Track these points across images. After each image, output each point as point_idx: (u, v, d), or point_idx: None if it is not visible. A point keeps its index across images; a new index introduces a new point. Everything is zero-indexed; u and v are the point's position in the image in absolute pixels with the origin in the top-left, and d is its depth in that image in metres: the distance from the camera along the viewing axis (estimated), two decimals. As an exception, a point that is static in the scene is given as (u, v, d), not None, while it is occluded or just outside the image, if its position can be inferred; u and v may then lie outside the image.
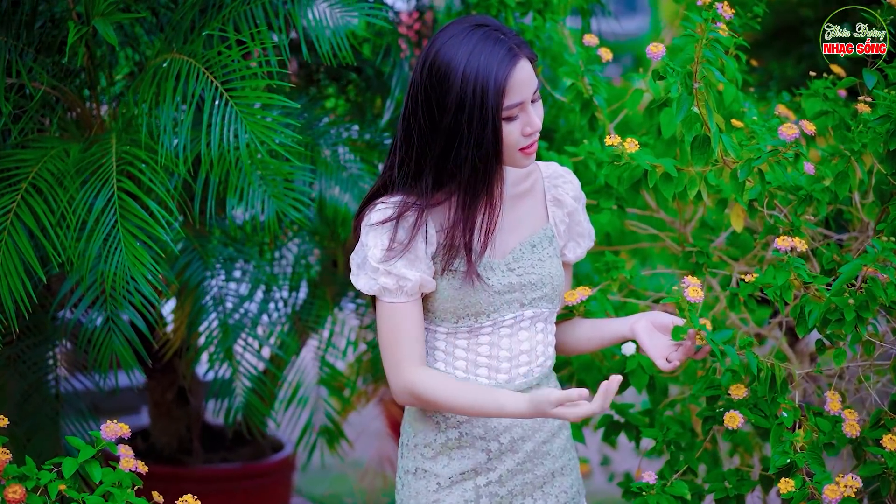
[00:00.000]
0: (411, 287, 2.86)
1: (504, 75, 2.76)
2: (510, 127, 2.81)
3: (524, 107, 2.82)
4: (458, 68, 2.76)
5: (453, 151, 2.79)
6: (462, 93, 2.75)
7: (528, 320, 2.99)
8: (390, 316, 2.88)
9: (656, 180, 3.07)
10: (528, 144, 2.85)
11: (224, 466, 5.02)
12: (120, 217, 3.40)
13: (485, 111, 2.75)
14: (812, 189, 3.27)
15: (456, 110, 2.76)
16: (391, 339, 2.89)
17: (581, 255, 3.20)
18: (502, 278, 2.93)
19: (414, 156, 2.84)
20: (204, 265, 4.04)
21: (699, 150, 3.03)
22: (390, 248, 2.84)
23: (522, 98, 2.80)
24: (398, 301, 2.87)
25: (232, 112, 3.41)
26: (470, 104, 2.75)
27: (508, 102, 2.78)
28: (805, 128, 2.88)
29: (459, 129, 2.77)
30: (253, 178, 3.55)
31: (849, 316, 2.77)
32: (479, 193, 2.83)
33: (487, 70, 2.75)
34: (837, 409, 3.03)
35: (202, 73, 3.49)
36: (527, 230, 3.02)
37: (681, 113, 2.92)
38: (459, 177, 2.81)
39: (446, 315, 2.93)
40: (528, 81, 2.81)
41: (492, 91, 2.75)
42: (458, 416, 2.96)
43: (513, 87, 2.78)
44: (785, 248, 2.81)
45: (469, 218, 2.84)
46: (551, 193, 3.10)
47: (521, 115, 2.82)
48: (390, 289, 2.86)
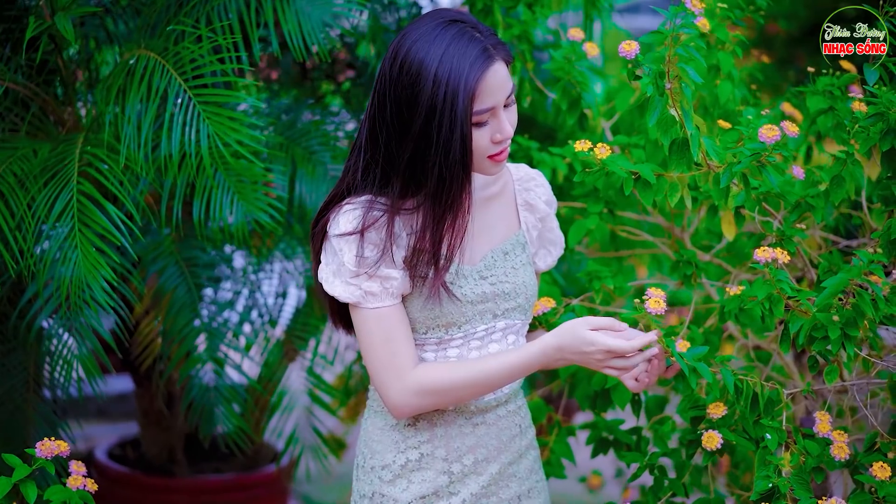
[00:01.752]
0: (397, 287, 2.72)
1: (476, 78, 2.62)
2: (479, 133, 2.67)
3: (496, 112, 2.68)
4: (430, 69, 2.62)
5: (421, 158, 2.66)
6: (434, 96, 2.61)
7: (500, 332, 2.85)
8: (378, 322, 2.74)
9: (632, 187, 2.90)
10: (499, 152, 2.72)
11: (216, 477, 4.93)
12: (78, 221, 3.29)
13: (454, 116, 2.61)
14: (805, 194, 3.10)
15: (427, 115, 2.62)
16: (385, 346, 2.74)
17: (552, 263, 3.06)
18: (475, 287, 2.79)
19: (380, 161, 2.71)
20: (179, 271, 3.92)
21: (678, 154, 2.86)
22: (364, 256, 2.70)
23: (494, 103, 2.66)
24: (384, 305, 2.73)
25: (195, 110, 3.28)
26: (440, 109, 2.61)
27: (479, 107, 2.64)
28: (787, 129, 2.71)
29: (429, 134, 2.63)
30: (219, 181, 3.43)
31: (833, 333, 2.60)
32: (447, 204, 2.69)
33: (459, 72, 2.61)
34: (826, 431, 2.85)
35: (167, 69, 3.36)
36: (499, 236, 2.89)
37: (653, 115, 2.75)
38: (427, 186, 2.67)
39: (415, 325, 2.80)
40: (502, 85, 2.67)
41: (462, 95, 2.60)
42: (418, 436, 2.83)
43: (484, 91, 2.64)
44: (764, 260, 2.64)
45: (437, 230, 2.70)
46: (522, 197, 2.96)
47: (492, 121, 2.68)
48: (376, 293, 2.72)
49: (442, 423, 2.84)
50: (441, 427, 2.84)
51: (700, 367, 2.72)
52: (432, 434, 2.84)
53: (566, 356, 2.68)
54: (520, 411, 2.97)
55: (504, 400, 2.89)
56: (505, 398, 2.89)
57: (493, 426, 2.88)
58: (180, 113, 3.31)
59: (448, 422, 2.84)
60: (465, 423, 2.85)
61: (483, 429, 2.87)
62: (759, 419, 2.88)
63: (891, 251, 2.83)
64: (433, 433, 2.83)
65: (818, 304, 2.64)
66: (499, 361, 2.72)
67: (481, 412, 2.86)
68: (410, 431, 2.84)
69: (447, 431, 2.84)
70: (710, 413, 2.90)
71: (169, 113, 3.31)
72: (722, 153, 2.91)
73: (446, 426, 2.84)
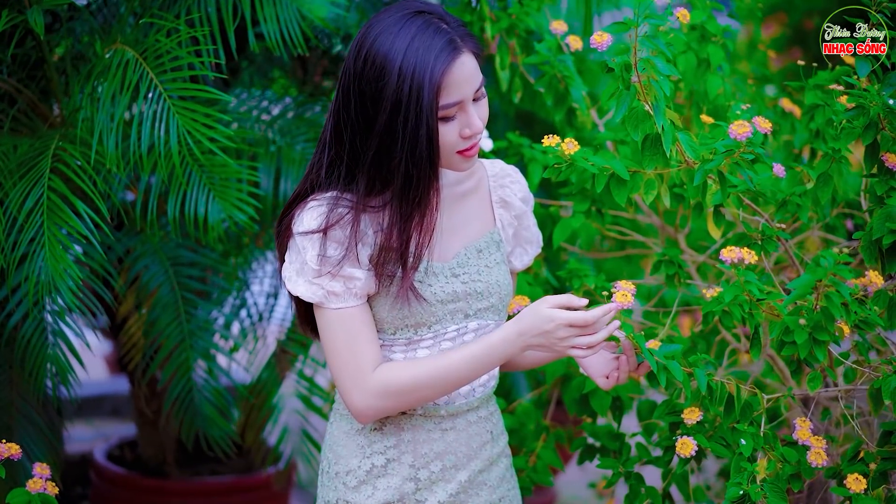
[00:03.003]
0: (360, 288, 2.67)
1: (441, 71, 2.56)
2: (446, 128, 2.62)
3: (464, 106, 2.62)
4: (394, 62, 2.57)
5: (387, 154, 2.60)
6: (398, 90, 2.56)
7: (472, 333, 2.79)
8: (341, 324, 2.68)
9: (605, 184, 2.82)
10: (468, 147, 2.66)
11: (212, 480, 4.89)
12: (46, 219, 3.26)
13: (420, 110, 2.55)
14: (791, 193, 3.01)
15: (391, 110, 2.57)
16: (347, 348, 2.68)
17: (528, 262, 2.99)
18: (446, 286, 2.73)
19: (345, 158, 2.66)
20: (163, 269, 3.88)
21: (651, 151, 2.78)
22: (327, 255, 2.65)
23: (462, 96, 2.61)
24: (348, 306, 2.68)
25: (164, 105, 3.24)
26: (405, 103, 2.55)
27: (445, 101, 2.59)
28: (758, 125, 2.62)
29: (394, 129, 2.57)
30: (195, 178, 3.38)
31: (799, 338, 2.51)
32: (414, 201, 2.63)
33: (424, 65, 2.55)
34: (805, 438, 2.76)
35: (139, 63, 3.32)
36: (472, 233, 2.82)
37: (621, 109, 2.67)
38: (393, 183, 2.62)
39: (382, 325, 2.74)
40: (470, 78, 2.61)
41: (427, 89, 2.55)
42: (384, 440, 2.77)
43: (451, 84, 2.58)
44: (730, 260, 2.55)
45: (405, 228, 2.65)
46: (497, 194, 2.90)
47: (460, 116, 2.63)
48: (338, 293, 2.66)
49: (409, 427, 2.77)
50: (408, 432, 2.78)
51: (671, 366, 2.65)
52: (399, 439, 2.77)
53: (529, 341, 2.60)
54: (492, 417, 2.90)
55: (475, 405, 2.83)
56: (476, 402, 2.83)
57: (462, 432, 2.82)
58: (150, 108, 3.26)
59: (416, 426, 2.78)
60: (434, 428, 2.79)
61: (452, 434, 2.80)
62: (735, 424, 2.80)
63: (872, 252, 2.74)
64: (400, 438, 2.77)
65: (783, 306, 2.55)
66: (461, 353, 2.66)
67: (451, 417, 2.80)
68: (376, 436, 2.78)
69: (415, 436, 2.78)
70: (684, 418, 2.82)
71: (139, 108, 3.26)
72: (698, 149, 2.82)
73: (414, 431, 2.78)
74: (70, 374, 3.55)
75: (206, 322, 3.96)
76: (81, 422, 6.63)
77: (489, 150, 3.50)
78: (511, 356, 2.65)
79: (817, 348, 2.56)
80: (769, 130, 2.65)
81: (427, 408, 2.77)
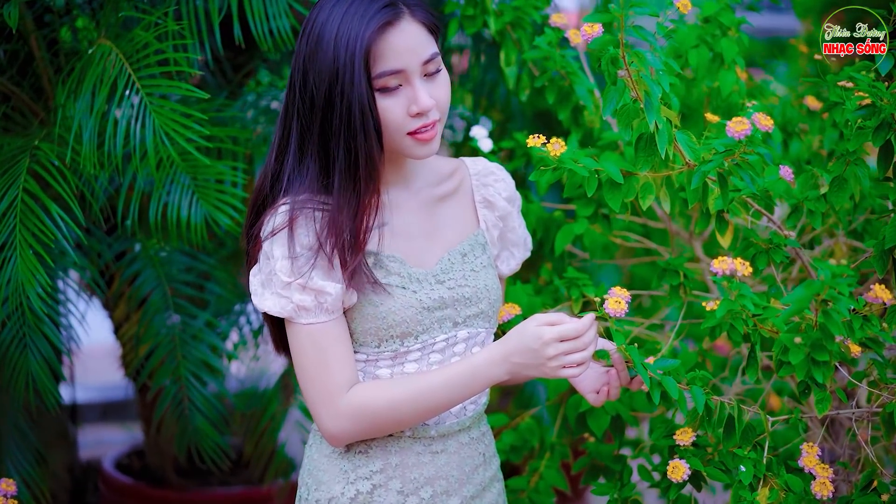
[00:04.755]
0: (332, 302, 2.49)
1: (372, 34, 2.41)
2: (388, 102, 2.45)
3: (407, 78, 2.45)
4: (331, 32, 2.43)
5: (329, 129, 2.45)
6: (334, 59, 2.41)
7: (463, 343, 2.62)
8: (312, 340, 2.51)
9: (596, 186, 2.62)
10: (418, 128, 2.48)
11: (222, 490, 4.73)
12: (20, 223, 3.12)
13: (352, 78, 2.40)
14: (804, 197, 2.80)
15: (329, 81, 2.42)
16: (318, 367, 2.51)
17: (515, 267, 2.82)
18: (431, 292, 2.56)
19: (293, 142, 2.51)
20: (155, 274, 3.74)
21: (645, 151, 2.58)
22: (297, 257, 2.47)
23: (401, 65, 2.44)
24: (319, 321, 2.50)
25: (142, 103, 3.09)
26: (340, 72, 2.40)
27: (381, 69, 2.42)
28: (759, 123, 2.41)
29: (332, 101, 2.42)
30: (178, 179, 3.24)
31: (795, 358, 2.30)
32: (356, 179, 2.47)
33: (357, 29, 2.41)
34: (811, 466, 2.54)
35: (118, 58, 3.18)
36: (455, 236, 2.65)
37: (608, 106, 2.47)
38: (338, 162, 2.46)
39: (366, 338, 2.56)
40: (413, 48, 2.44)
41: (359, 53, 2.39)
42: (370, 464, 2.59)
43: (386, 51, 2.42)
44: (722, 272, 2.34)
45: (347, 208, 2.47)
46: (481, 194, 2.73)
47: (406, 90, 2.45)
48: (308, 307, 2.49)
49: (397, 450, 2.60)
50: (396, 455, 2.60)
51: (666, 382, 2.45)
52: (386, 463, 2.60)
53: (515, 361, 2.43)
54: (484, 438, 2.72)
55: (468, 425, 2.66)
56: (469, 422, 2.66)
57: (454, 455, 2.64)
58: (127, 105, 3.11)
59: (404, 449, 2.60)
60: (424, 450, 2.61)
61: (444, 458, 2.63)
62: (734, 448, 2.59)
63: (884, 263, 2.52)
64: (387, 462, 2.60)
65: (779, 322, 2.34)
66: (441, 375, 2.49)
67: (442, 438, 2.62)
68: (361, 459, 2.60)
69: (403, 460, 2.60)
70: (677, 439, 2.61)
71: (115, 104, 3.12)
72: (698, 150, 2.62)
73: (402, 454, 2.60)
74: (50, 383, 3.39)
75: (200, 331, 3.80)
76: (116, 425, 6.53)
77: (488, 150, 3.31)
78: (496, 380, 2.48)
79: (816, 369, 2.35)
80: (770, 128, 2.44)
81: (416, 429, 2.59)
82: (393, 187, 2.61)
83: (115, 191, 3.55)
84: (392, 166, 2.59)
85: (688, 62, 3.22)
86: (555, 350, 2.38)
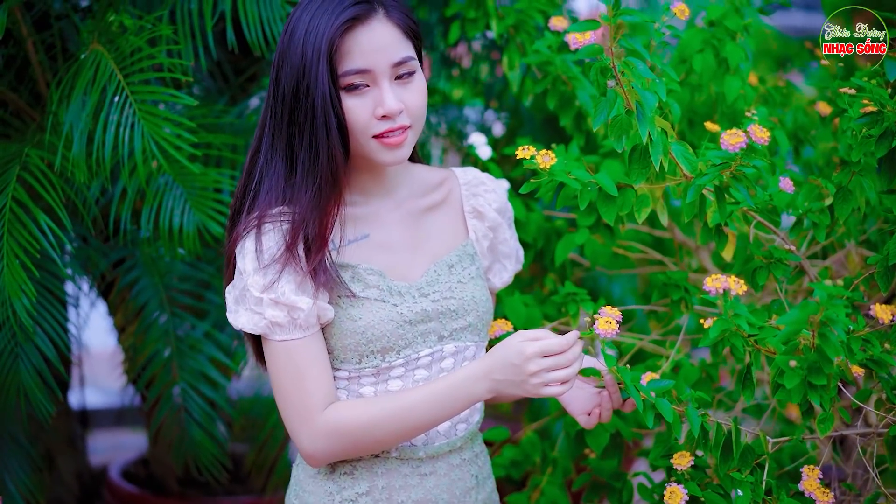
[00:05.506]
0: (305, 318, 2.42)
1: (338, 30, 2.35)
2: (353, 102, 2.39)
3: (375, 79, 2.39)
4: (303, 27, 2.38)
5: (294, 126, 2.40)
6: (303, 55, 2.36)
7: (451, 357, 2.53)
8: (287, 358, 2.44)
9: (589, 199, 2.53)
10: (384, 131, 2.41)
11: (225, 500, 4.65)
12: (7, 232, 3.06)
13: (318, 73, 2.34)
14: (808, 209, 2.70)
15: (297, 77, 2.37)
16: (294, 384, 2.44)
17: (508, 280, 2.73)
18: (413, 305, 2.48)
19: (265, 140, 2.47)
20: (152, 283, 3.67)
21: (639, 163, 2.49)
22: (266, 268, 2.41)
23: (368, 65, 2.37)
24: (293, 338, 2.43)
25: (131, 109, 3.02)
26: (307, 67, 2.35)
27: (347, 67, 2.37)
28: (754, 134, 2.31)
29: (299, 97, 2.38)
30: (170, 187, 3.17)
31: (789, 382, 2.20)
32: (317, 177, 2.40)
33: (325, 25, 2.36)
34: (811, 490, 2.45)
35: (108, 63, 3.11)
36: (441, 248, 2.58)
37: (599, 117, 2.38)
38: (302, 161, 2.41)
39: (346, 354, 2.48)
40: (382, 48, 2.38)
41: (324, 48, 2.34)
42: (356, 486, 2.52)
43: (353, 48, 2.37)
44: (715, 291, 2.25)
45: (307, 206, 2.41)
46: (470, 204, 2.65)
47: (373, 91, 2.39)
48: (282, 323, 2.42)
49: (384, 472, 2.52)
50: (383, 477, 2.52)
51: (660, 404, 2.37)
52: (372, 485, 2.52)
53: (497, 377, 2.34)
54: (477, 459, 2.64)
55: (458, 445, 2.57)
56: (460, 443, 2.57)
57: (444, 477, 2.56)
58: (116, 111, 3.05)
59: (391, 471, 2.52)
60: (412, 472, 2.53)
61: (433, 480, 2.55)
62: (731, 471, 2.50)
63: (888, 280, 2.42)
64: (373, 484, 2.52)
65: (775, 344, 2.24)
66: (421, 392, 2.41)
67: (431, 460, 2.54)
68: (347, 481, 2.53)
69: (390, 482, 2.52)
70: (674, 464, 2.52)
71: (105, 111, 3.05)
72: (694, 162, 2.52)
73: (389, 476, 2.52)
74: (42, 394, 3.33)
75: (199, 341, 3.73)
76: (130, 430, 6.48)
77: (486, 158, 3.23)
78: (479, 398, 2.39)
79: (812, 393, 2.25)
80: (766, 140, 2.34)
81: (403, 449, 2.52)
82: (375, 198, 2.55)
83: (108, 200, 3.49)
84: (372, 176, 2.53)
85: (693, 67, 3.12)
86: (537, 366, 2.30)
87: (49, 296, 3.36)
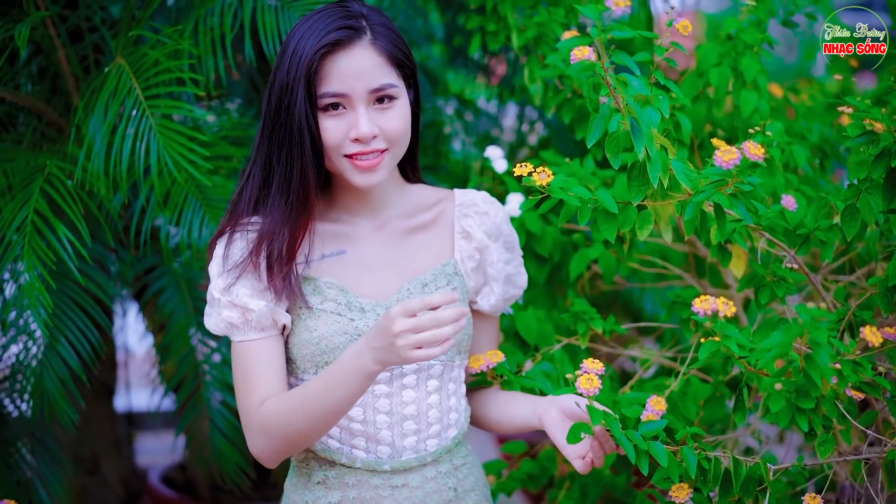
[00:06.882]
0: (258, 319, 2.47)
1: (317, 53, 2.39)
2: (329, 122, 2.43)
3: (352, 103, 2.43)
4: (292, 46, 2.44)
5: (276, 143, 2.45)
6: (287, 73, 2.42)
7: (413, 375, 2.54)
8: (240, 358, 2.51)
9: (588, 216, 2.51)
10: (356, 153, 2.44)
11: (262, 506, 4.69)
12: (28, 243, 3.11)
13: (297, 91, 2.39)
14: (815, 227, 2.66)
15: (280, 93, 2.43)
16: (242, 383, 2.50)
17: (496, 304, 2.71)
18: (373, 322, 2.49)
19: (253, 153, 2.53)
20: (179, 292, 3.71)
21: (637, 180, 2.46)
22: (227, 272, 2.48)
23: (344, 90, 2.42)
24: (248, 339, 2.49)
25: (147, 122, 3.06)
26: (289, 87, 2.41)
27: (323, 90, 2.41)
28: (748, 151, 2.28)
29: (280, 113, 2.43)
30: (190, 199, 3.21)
31: (775, 406, 2.17)
32: (290, 192, 2.45)
33: (309, 46, 2.40)
34: (813, 520, 2.41)
35: (128, 77, 3.15)
36: (420, 267, 2.60)
37: (593, 134, 2.36)
38: (276, 176, 2.46)
39: (305, 364, 2.53)
40: (361, 73, 2.42)
41: (303, 70, 2.39)
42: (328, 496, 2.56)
43: (332, 72, 2.41)
44: (703, 312, 2.22)
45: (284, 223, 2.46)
46: (460, 224, 2.66)
47: (349, 114, 2.43)
48: (236, 324, 2.49)
49: (354, 482, 2.55)
50: (354, 488, 2.55)
51: (653, 449, 2.34)
52: (344, 495, 2.55)
53: (374, 346, 2.29)
54: (457, 472, 2.64)
55: (430, 460, 2.57)
56: (431, 458, 2.57)
57: (417, 489, 2.57)
58: (133, 125, 3.09)
59: (361, 482, 2.55)
60: (382, 484, 2.55)
61: (405, 492, 2.56)
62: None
63: (888, 301, 2.37)
64: (345, 494, 2.55)
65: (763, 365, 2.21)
66: (320, 377, 2.41)
67: (401, 472, 2.56)
68: (321, 490, 2.57)
69: (361, 493, 2.55)
70: (672, 496, 2.48)
71: (123, 124, 3.10)
72: (695, 179, 2.49)
73: (360, 487, 2.55)
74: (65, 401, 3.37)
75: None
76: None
77: (502, 171, 3.22)
78: (367, 371, 2.33)
79: (800, 416, 2.21)
80: (761, 157, 2.30)
81: (368, 462, 2.53)
82: (359, 217, 2.59)
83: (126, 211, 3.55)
84: (356, 195, 2.57)
85: (709, 80, 3.09)
86: (401, 326, 2.23)
87: (72, 304, 3.40)
